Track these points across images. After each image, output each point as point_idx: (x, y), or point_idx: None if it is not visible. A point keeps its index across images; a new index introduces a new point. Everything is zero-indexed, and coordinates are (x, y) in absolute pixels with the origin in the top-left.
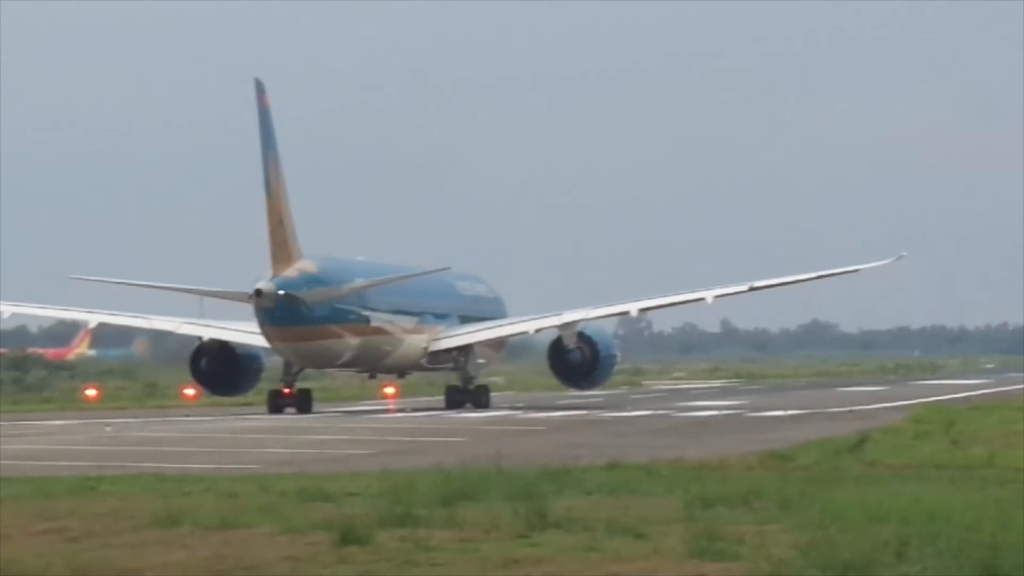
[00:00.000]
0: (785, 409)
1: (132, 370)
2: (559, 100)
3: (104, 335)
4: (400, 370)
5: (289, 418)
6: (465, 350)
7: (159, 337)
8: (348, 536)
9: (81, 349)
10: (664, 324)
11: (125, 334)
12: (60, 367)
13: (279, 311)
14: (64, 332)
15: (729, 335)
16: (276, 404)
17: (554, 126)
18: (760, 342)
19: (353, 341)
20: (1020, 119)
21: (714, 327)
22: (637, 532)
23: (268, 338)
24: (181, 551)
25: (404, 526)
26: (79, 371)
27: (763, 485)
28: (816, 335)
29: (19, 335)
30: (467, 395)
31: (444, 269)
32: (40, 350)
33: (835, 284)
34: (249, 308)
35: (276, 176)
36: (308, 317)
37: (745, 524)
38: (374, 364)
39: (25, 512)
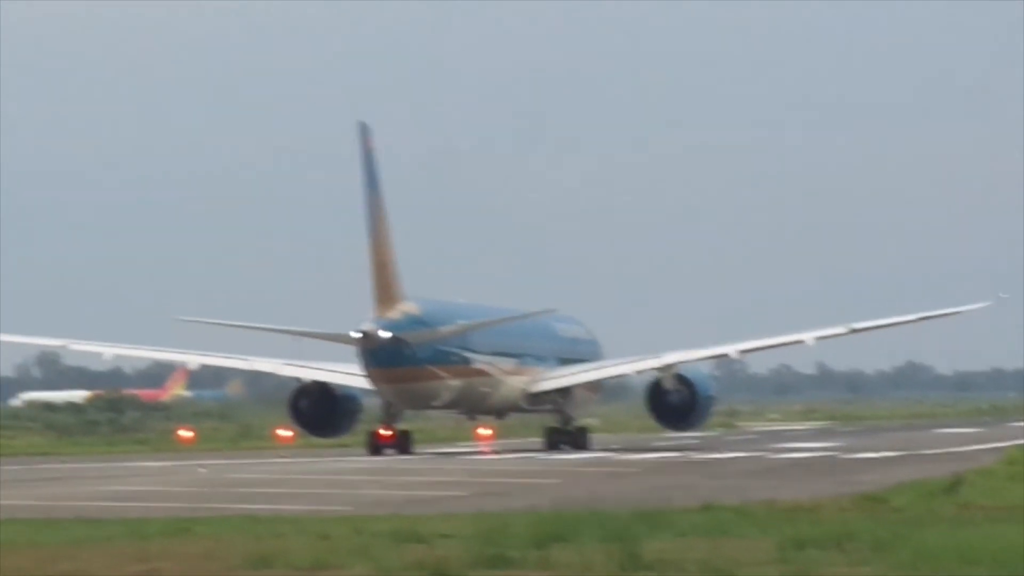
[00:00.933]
0: (879, 451)
1: (227, 411)
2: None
3: (199, 376)
4: (500, 411)
5: (383, 459)
6: (565, 392)
7: (254, 378)
8: None
9: (176, 390)
10: (759, 366)
11: (219, 375)
12: (155, 408)
13: (383, 352)
14: (159, 373)
15: (824, 377)
16: (376, 445)
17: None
18: (855, 384)
19: (455, 382)
20: None
21: (809, 369)
22: (730, 574)
23: (371, 379)
24: None
25: (497, 568)
26: (174, 412)
27: (856, 527)
28: (911, 377)
29: (114, 376)
30: (566, 436)
31: (549, 311)
32: (135, 391)
33: (931, 325)
34: (345, 349)
35: (380, 218)
36: (411, 358)
37: (838, 566)
38: (474, 405)
39: (118, 553)
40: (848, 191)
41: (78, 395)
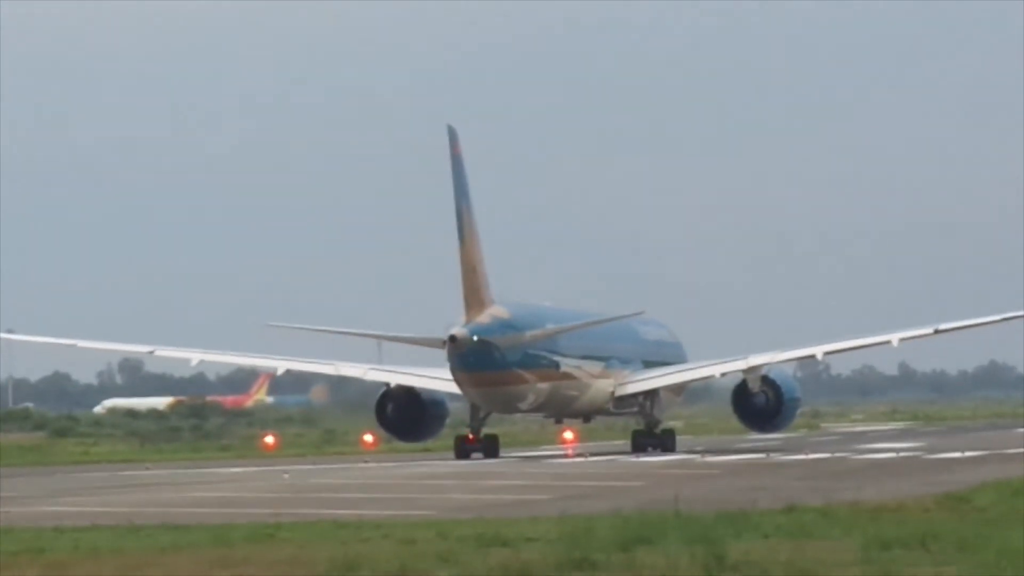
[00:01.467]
0: (963, 451)
1: (311, 417)
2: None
3: (282, 382)
4: (587, 414)
5: (467, 463)
6: (651, 394)
7: (337, 384)
8: None
9: (259, 396)
10: (842, 367)
11: (303, 381)
12: (238, 414)
13: (472, 356)
14: (242, 379)
15: (907, 377)
16: (463, 449)
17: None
18: (938, 384)
19: (543, 386)
20: None
21: (892, 370)
22: (814, 575)
23: (460, 383)
24: None
25: (582, 571)
26: (257, 418)
27: (940, 527)
28: (994, 376)
29: (198, 382)
30: (654, 439)
31: (638, 313)
32: (218, 398)
33: (1013, 325)
34: (429, 355)
35: (469, 223)
36: (501, 362)
37: (922, 566)
38: (562, 409)
39: (203, 560)
40: (929, 191)
41: (161, 402)
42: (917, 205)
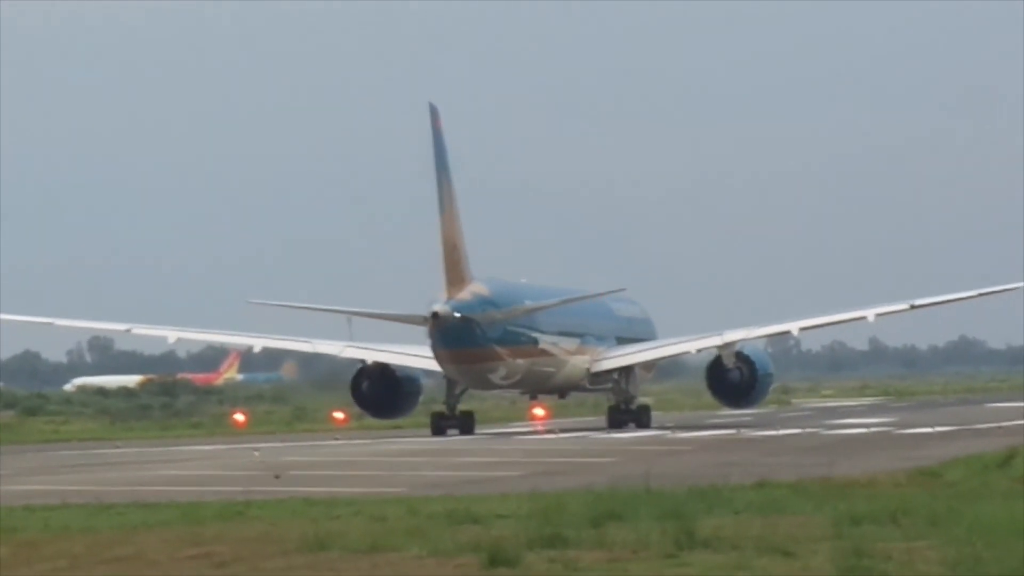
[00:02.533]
0: (933, 426)
1: (281, 394)
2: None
3: (252, 360)
4: (563, 391)
5: (438, 440)
6: (627, 371)
7: (307, 361)
8: (497, 558)
9: (229, 374)
10: (812, 342)
11: (273, 358)
12: (209, 392)
13: (454, 333)
14: (212, 357)
15: (878, 353)
16: (440, 426)
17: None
18: (909, 359)
19: (522, 362)
20: None
21: (862, 345)
22: (785, 550)
23: (440, 360)
24: (330, 575)
25: (553, 547)
26: (227, 396)
27: (911, 502)
28: (964, 351)
29: (168, 360)
30: (630, 415)
31: (619, 290)
32: (189, 375)
33: (983, 300)
34: (403, 332)
35: (449, 200)
36: (481, 339)
37: (893, 541)
38: (539, 385)
39: (174, 538)
40: (901, 170)
41: (131, 380)
42: (889, 183)
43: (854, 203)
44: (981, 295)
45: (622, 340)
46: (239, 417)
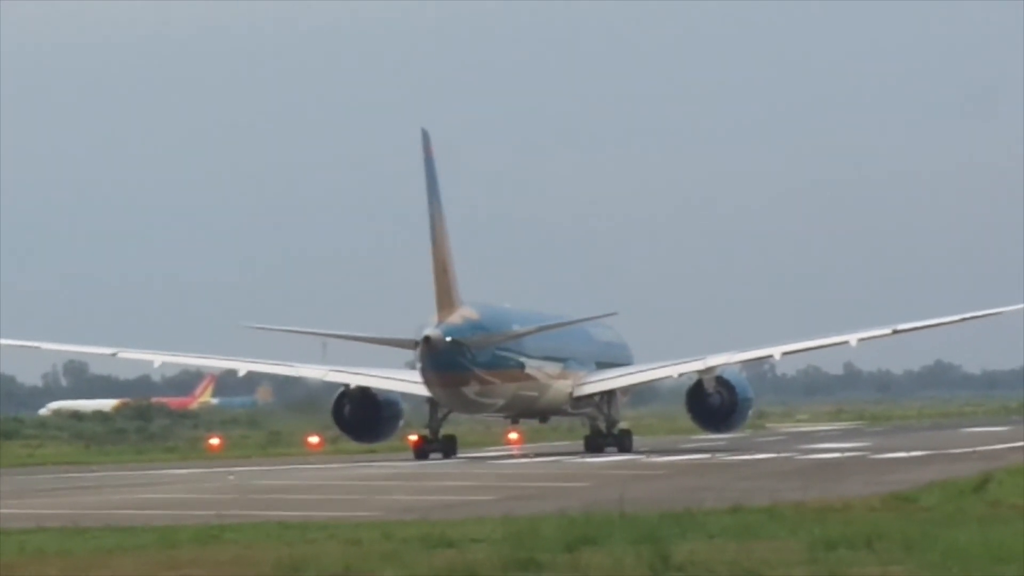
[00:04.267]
0: (908, 451)
1: (256, 419)
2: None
3: (227, 384)
4: (545, 415)
5: (412, 465)
6: (609, 395)
7: (282, 385)
8: None
9: (204, 398)
10: (787, 367)
11: (248, 382)
12: (183, 416)
13: (444, 357)
14: (187, 381)
15: (852, 377)
16: (422, 450)
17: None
18: (883, 383)
19: (509, 386)
20: None
21: (837, 369)
22: (760, 575)
23: (429, 384)
24: None
25: (527, 571)
26: (202, 420)
27: (886, 527)
28: (939, 376)
29: (142, 385)
30: (611, 439)
31: (610, 314)
32: (163, 399)
33: (958, 325)
34: (377, 353)
35: (440, 225)
36: (471, 363)
37: (868, 566)
38: (524, 409)
39: (149, 561)
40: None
41: (106, 404)
42: (868, 209)
43: (830, 229)
44: (964, 320)
45: (601, 364)
46: (214, 441)
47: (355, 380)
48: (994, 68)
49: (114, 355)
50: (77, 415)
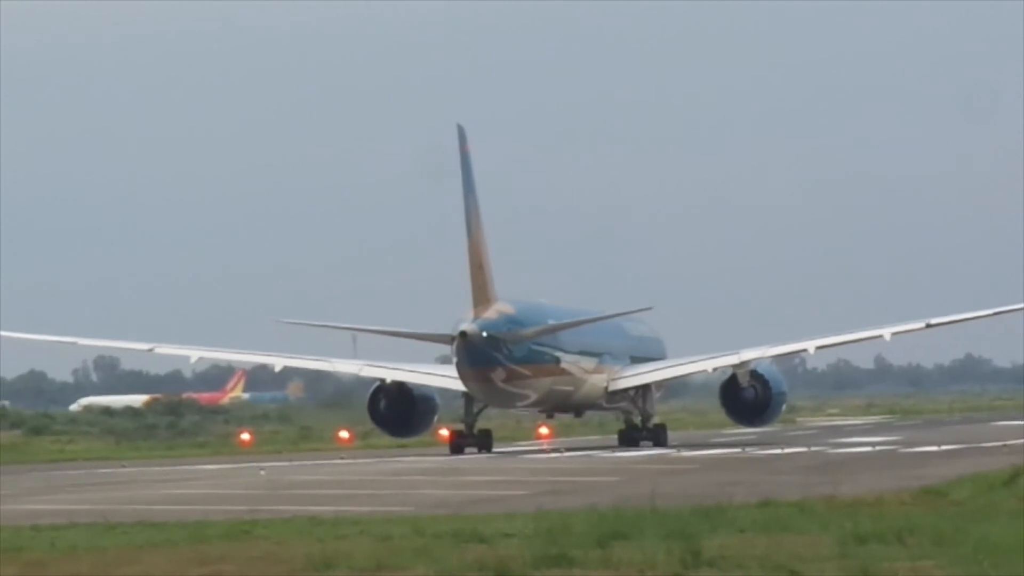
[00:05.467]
0: (939, 444)
1: (287, 414)
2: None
3: (258, 379)
4: (580, 409)
5: (443, 460)
6: (644, 389)
7: (313, 380)
8: None
9: (235, 393)
10: (818, 361)
11: (279, 377)
12: (214, 411)
13: (480, 352)
14: (218, 376)
15: (883, 371)
16: (458, 444)
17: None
18: (914, 378)
19: (544, 381)
20: None
21: (868, 363)
22: (791, 570)
23: (465, 379)
24: None
25: (559, 567)
26: (233, 415)
27: (917, 521)
28: (970, 370)
29: (173, 380)
30: (646, 433)
31: (645, 309)
32: (194, 395)
33: (989, 318)
34: (406, 347)
35: (476, 221)
36: (507, 358)
37: (899, 561)
38: (559, 403)
39: (180, 557)
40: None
41: (137, 399)
42: (898, 202)
43: (860, 223)
44: (996, 314)
45: (635, 359)
46: (245, 436)
47: (391, 375)
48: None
49: (151, 351)
50: (108, 411)
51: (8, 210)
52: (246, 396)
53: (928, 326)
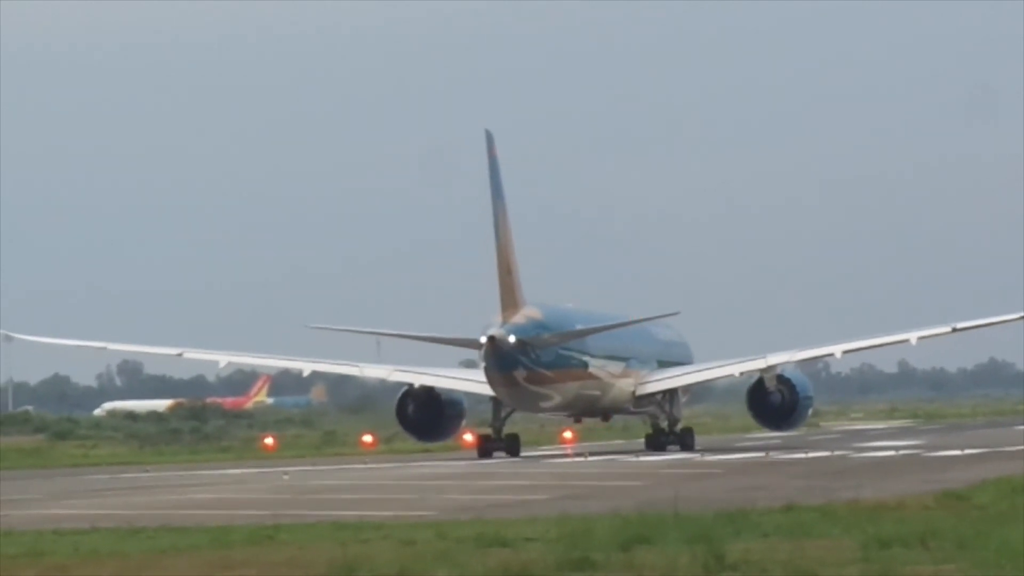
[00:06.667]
0: (962, 449)
1: (310, 418)
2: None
3: (281, 383)
4: (608, 413)
5: (467, 464)
6: (671, 393)
7: (337, 385)
8: None
9: (259, 398)
10: (841, 365)
11: (302, 382)
12: (238, 416)
13: (509, 357)
14: (242, 381)
15: (906, 375)
16: (486, 448)
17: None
18: (937, 382)
19: (572, 385)
20: None
21: (891, 368)
22: (814, 574)
23: (493, 383)
24: None
25: (582, 571)
26: (257, 420)
27: (940, 525)
28: (994, 374)
29: (197, 385)
30: (673, 437)
31: (672, 314)
32: (218, 399)
33: (1012, 322)
34: (428, 352)
35: (504, 225)
36: (535, 362)
37: (921, 565)
38: (586, 408)
39: (203, 562)
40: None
41: (160, 404)
42: (921, 207)
43: (885, 226)
44: (1022, 318)
45: (662, 363)
46: (268, 441)
47: (419, 380)
48: None
49: (180, 355)
50: (132, 415)
51: (36, 217)
52: (270, 401)
53: (954, 330)
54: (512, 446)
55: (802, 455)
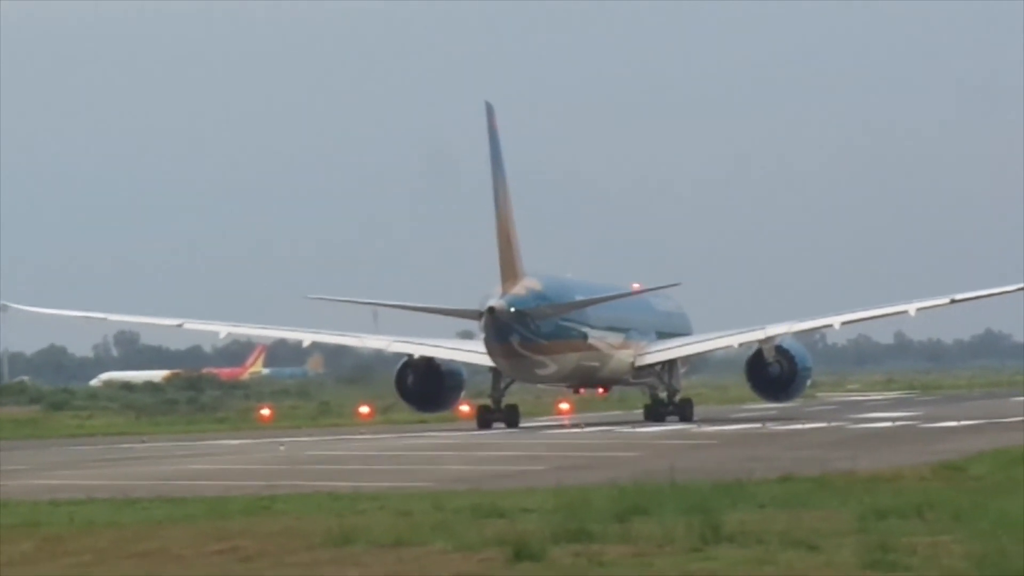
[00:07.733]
0: (959, 420)
1: (307, 389)
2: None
3: (278, 354)
4: (606, 384)
5: (463, 435)
6: (670, 364)
7: (333, 355)
8: (522, 552)
9: (255, 368)
10: (838, 336)
11: (298, 353)
12: (234, 387)
13: (508, 327)
14: (238, 352)
15: (903, 347)
16: (485, 419)
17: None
18: (934, 353)
19: (572, 356)
20: None
21: (888, 339)
22: (810, 545)
23: (493, 354)
24: (355, 569)
25: (578, 541)
26: (253, 391)
27: (936, 496)
28: (990, 345)
29: (193, 355)
30: (673, 408)
31: (672, 285)
32: (215, 370)
33: (1008, 293)
34: (428, 322)
35: (504, 197)
36: (535, 333)
37: (918, 535)
38: (586, 379)
39: (199, 532)
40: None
41: (157, 374)
42: (920, 179)
43: (883, 199)
44: (1021, 289)
45: (661, 335)
46: (265, 412)
47: (419, 350)
48: None
49: (180, 326)
50: (128, 386)
51: (32, 189)
52: (266, 371)
53: (953, 301)
54: (511, 417)
55: (799, 426)
